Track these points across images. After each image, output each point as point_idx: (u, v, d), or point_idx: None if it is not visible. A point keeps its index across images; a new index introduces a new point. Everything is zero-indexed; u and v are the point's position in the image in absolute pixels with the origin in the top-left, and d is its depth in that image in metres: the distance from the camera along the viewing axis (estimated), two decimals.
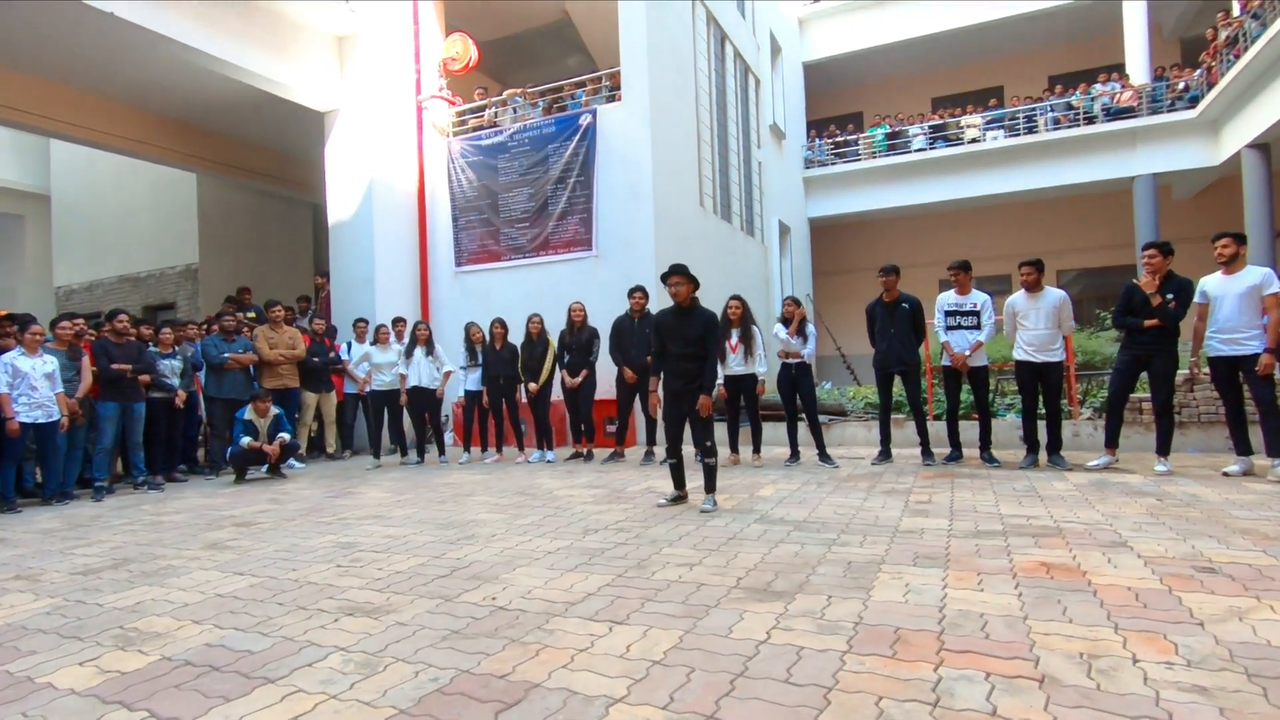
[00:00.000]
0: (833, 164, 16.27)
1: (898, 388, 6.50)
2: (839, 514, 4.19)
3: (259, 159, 11.70)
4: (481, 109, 10.15)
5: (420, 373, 7.55)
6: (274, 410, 7.06)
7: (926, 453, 6.11)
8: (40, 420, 5.78)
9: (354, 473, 7.27)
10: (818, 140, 16.79)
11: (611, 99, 9.26)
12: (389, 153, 9.83)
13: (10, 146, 13.97)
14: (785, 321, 6.48)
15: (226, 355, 7.44)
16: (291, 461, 7.85)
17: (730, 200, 11.79)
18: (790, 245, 14.99)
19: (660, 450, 6.15)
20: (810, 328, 6.45)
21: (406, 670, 2.18)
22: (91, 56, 8.83)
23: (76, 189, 13.89)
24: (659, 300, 7.61)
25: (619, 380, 6.91)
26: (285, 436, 7.01)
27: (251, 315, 8.75)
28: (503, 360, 7.52)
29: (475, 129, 10.08)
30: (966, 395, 6.29)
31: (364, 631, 2.55)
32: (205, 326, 8.26)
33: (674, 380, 4.46)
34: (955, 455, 6.08)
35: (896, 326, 6.08)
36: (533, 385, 7.35)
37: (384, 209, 9.69)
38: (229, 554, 3.88)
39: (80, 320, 6.47)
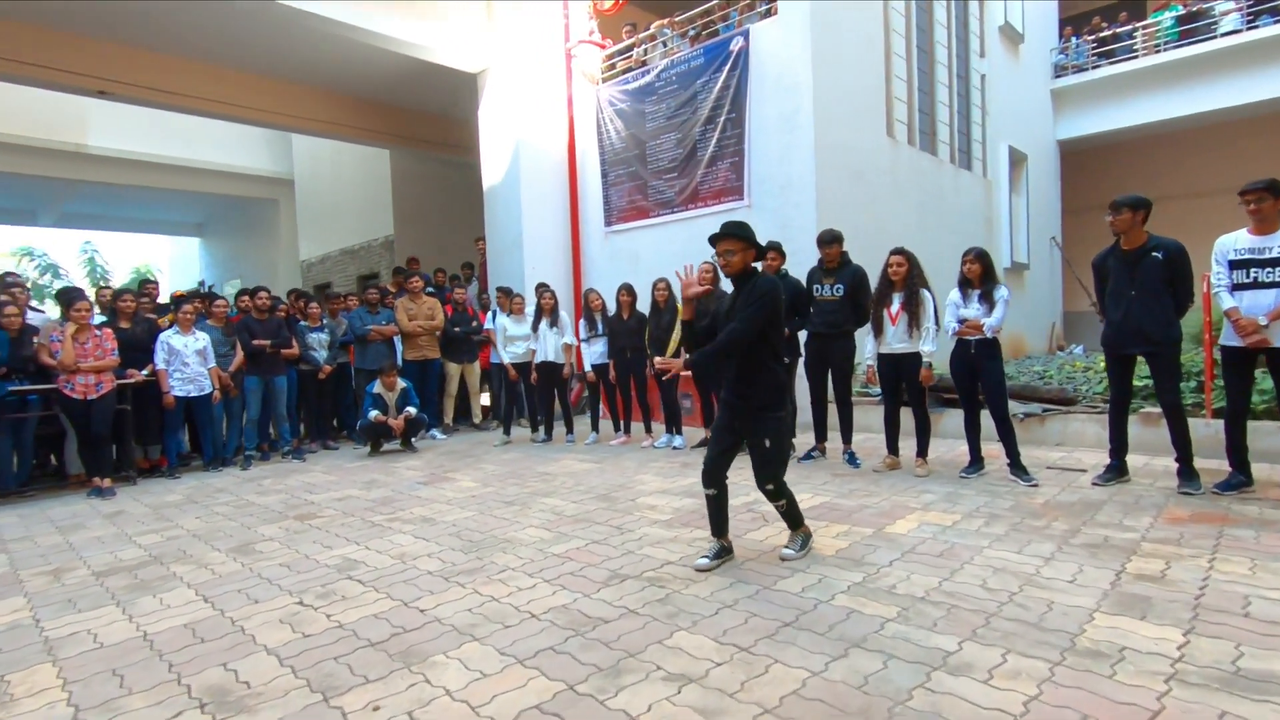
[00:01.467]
0: (1096, 67, 12.68)
1: (1142, 373, 4.49)
2: (989, 589, 2.72)
3: (432, 128, 11.97)
4: (629, 49, 9.17)
5: (547, 346, 7.00)
6: (401, 384, 6.99)
7: (1186, 474, 4.10)
8: (193, 394, 6.18)
9: (478, 450, 7.00)
10: (1075, 39, 13.19)
11: (768, 15, 7.73)
12: (538, 109, 9.32)
13: (262, 138, 16.06)
14: (966, 283, 4.75)
15: (369, 327, 7.54)
16: (434, 433, 7.85)
17: (935, 127, 9.55)
18: (1027, 177, 12.02)
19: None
20: (1002, 290, 4.63)
21: None
22: (279, 48, 9.38)
23: (311, 172, 15.63)
24: (802, 260, 6.21)
25: None
26: (411, 411, 6.90)
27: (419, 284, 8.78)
28: (629, 330, 6.68)
29: (624, 72, 9.16)
30: (1268, 388, 4.10)
31: None
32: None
33: (727, 387, 3.23)
34: (1240, 481, 3.99)
35: (1140, 286, 4.09)
36: (661, 360, 6.40)
37: (532, 168, 9.26)
38: (234, 565, 3.55)
39: (223, 300, 6.89)
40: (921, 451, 4.96)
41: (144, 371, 6.05)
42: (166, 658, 2.46)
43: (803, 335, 5.58)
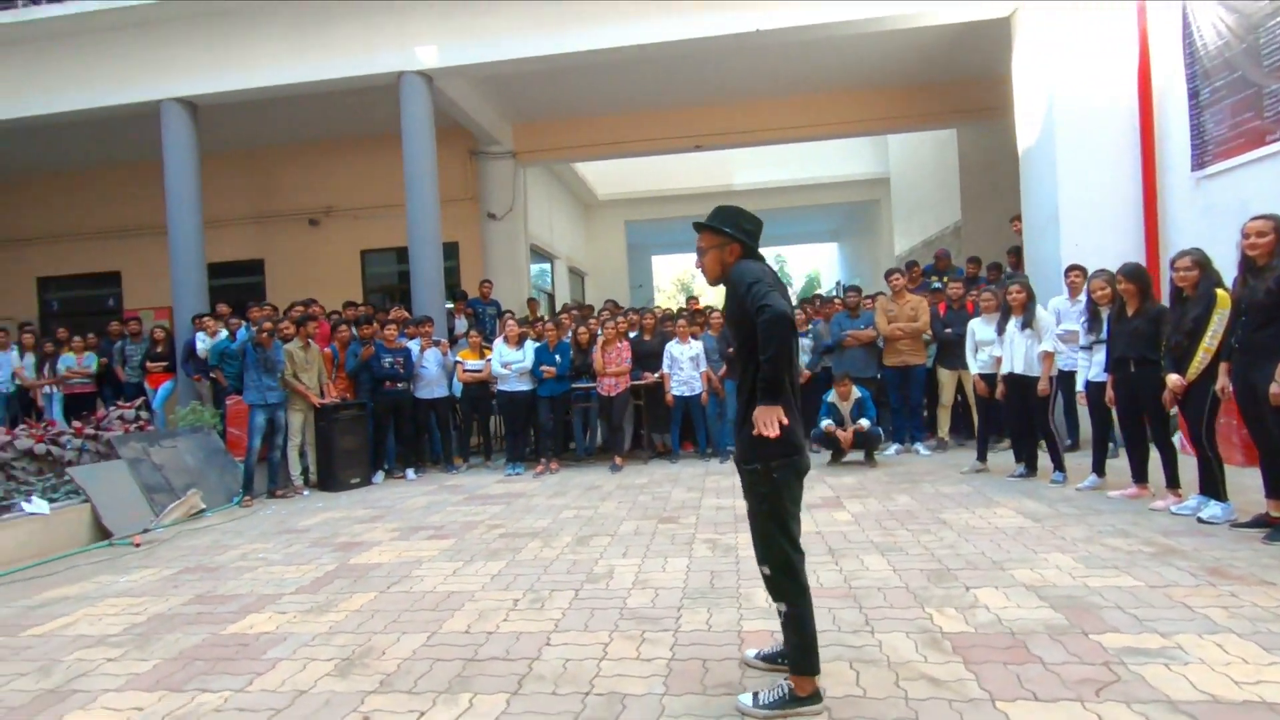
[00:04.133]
0: None
1: None
2: None
3: (974, 94, 10.30)
4: None
5: (1015, 353, 5.43)
6: (857, 393, 6.56)
7: None
8: (686, 394, 7.37)
9: (942, 470, 5.97)
10: None
11: None
12: (1083, 42, 7.08)
13: (868, 144, 16.94)
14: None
15: (846, 332, 7.33)
16: (917, 447, 7.07)
17: None
18: None
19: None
20: None
21: None
22: (822, 64, 9.85)
23: (900, 168, 15.72)
24: None
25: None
26: (865, 423, 6.41)
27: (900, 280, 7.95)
28: (1132, 332, 4.58)
29: None
30: None
31: None
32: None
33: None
34: None
35: None
36: (1177, 379, 4.17)
37: (1072, 121, 7.12)
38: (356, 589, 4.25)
39: (717, 312, 7.80)
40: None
41: (655, 375, 7.55)
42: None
43: None
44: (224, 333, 7.78)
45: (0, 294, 12.50)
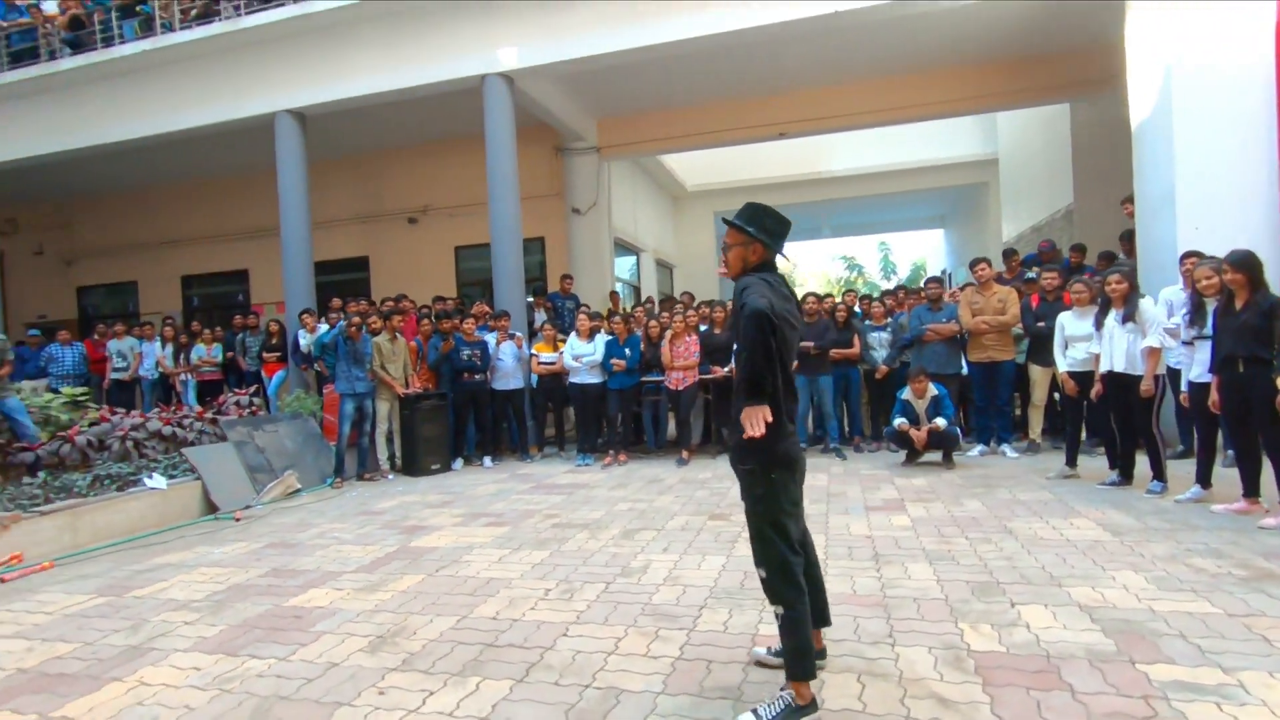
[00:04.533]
0: None
1: None
2: None
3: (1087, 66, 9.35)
4: None
5: (1114, 348, 4.97)
6: (933, 390, 6.22)
7: None
8: None
9: (1029, 476, 5.57)
10: None
11: None
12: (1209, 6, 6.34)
13: (974, 123, 15.88)
14: None
15: (925, 326, 6.95)
16: (1003, 448, 6.62)
17: None
18: None
19: None
20: None
21: None
22: (915, 41, 9.32)
23: (1009, 148, 14.62)
24: None
25: None
26: (941, 423, 6.07)
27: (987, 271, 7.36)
28: (1240, 328, 4.10)
29: None
30: None
31: None
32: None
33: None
34: None
35: None
36: None
37: (1192, 88, 6.38)
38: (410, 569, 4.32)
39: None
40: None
41: (725, 370, 7.48)
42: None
43: None
44: (324, 326, 8.41)
45: (152, 291, 14.11)
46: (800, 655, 2.20)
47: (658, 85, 10.38)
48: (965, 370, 6.89)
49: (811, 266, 42.45)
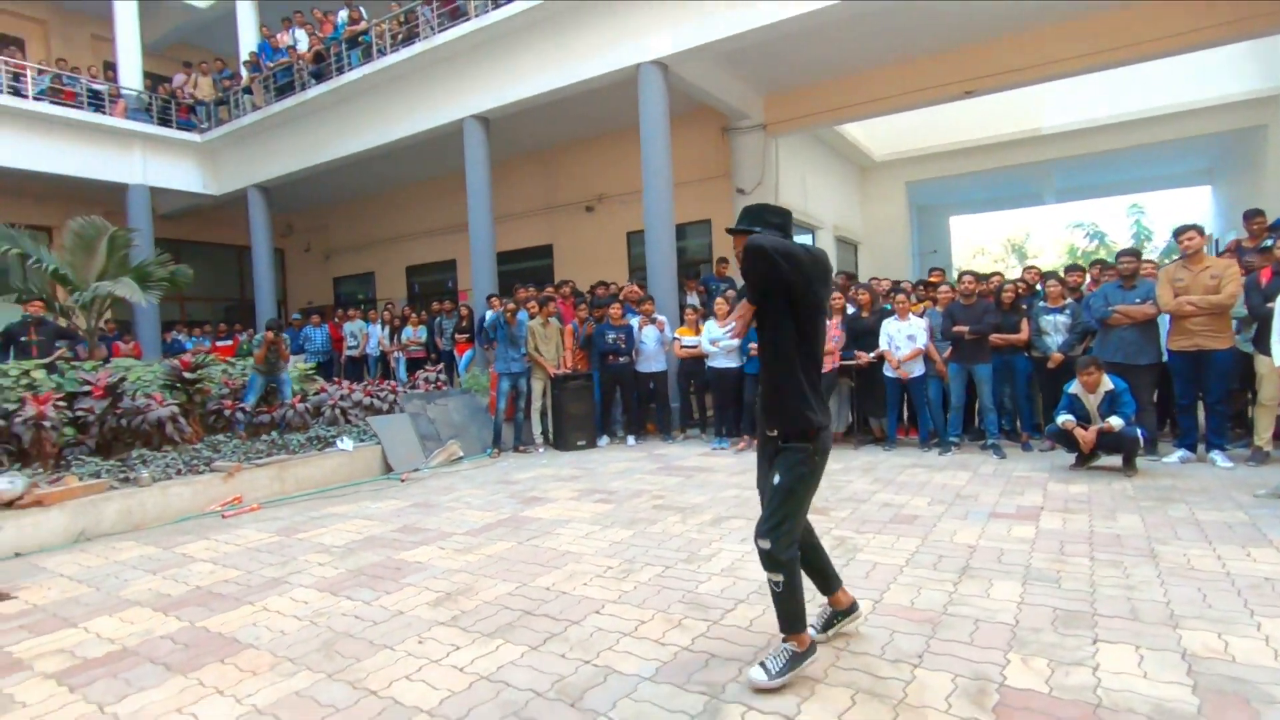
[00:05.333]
0: None
1: None
2: None
3: None
4: None
5: None
6: (1108, 384, 5.30)
7: None
8: (915, 375, 6.75)
9: (1228, 500, 4.59)
10: None
11: None
12: None
13: (1248, 52, 12.88)
14: None
15: (1110, 309, 5.92)
16: (1213, 455, 5.49)
17: None
18: None
19: None
20: None
21: None
22: None
23: None
24: None
25: None
26: (1116, 422, 5.16)
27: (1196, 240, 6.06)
28: None
29: None
30: None
31: None
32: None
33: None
34: None
35: None
36: None
37: None
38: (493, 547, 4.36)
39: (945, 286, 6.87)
40: None
41: (871, 355, 7.02)
42: None
43: None
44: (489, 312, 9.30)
45: (385, 279, 16.53)
46: (797, 614, 2.41)
47: (823, 54, 9.86)
48: (1164, 360, 5.79)
49: (1044, 237, 37.50)
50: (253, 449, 6.47)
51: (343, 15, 12.21)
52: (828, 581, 2.70)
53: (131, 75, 13.60)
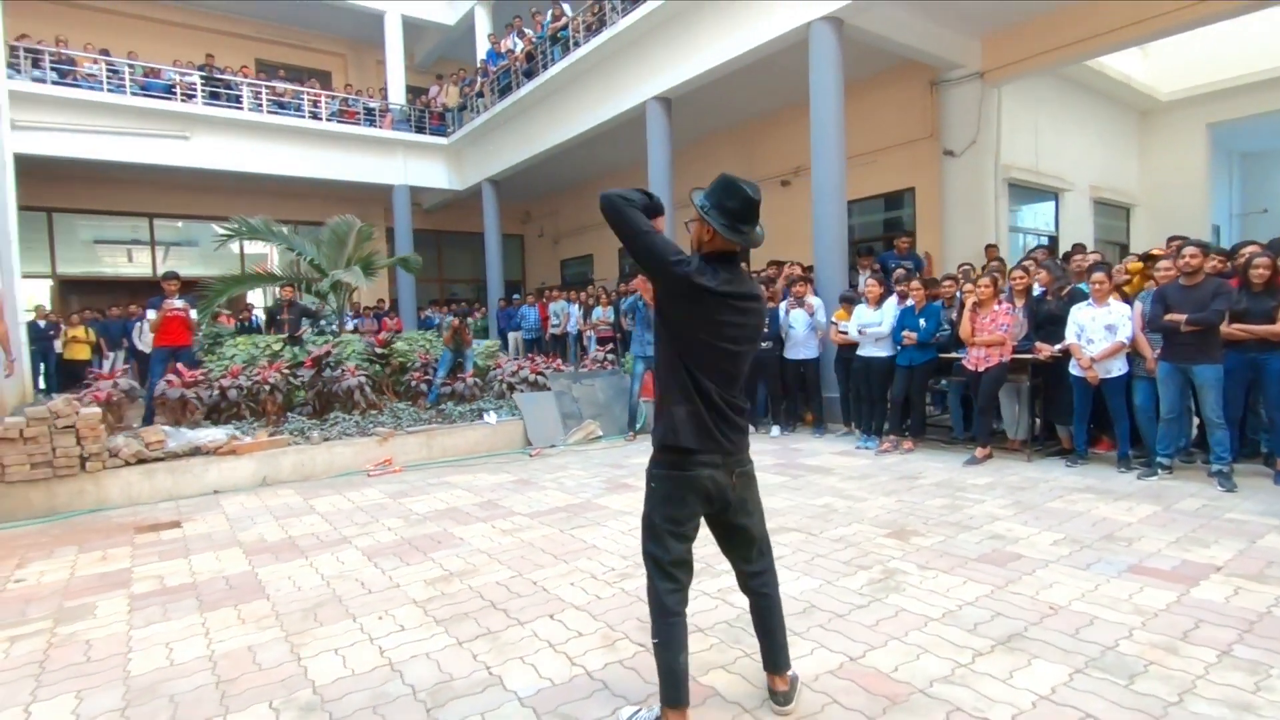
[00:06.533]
0: None
1: None
2: None
3: None
4: None
5: None
6: None
7: None
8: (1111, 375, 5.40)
9: None
10: None
11: None
12: None
13: None
14: None
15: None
16: None
17: None
18: None
19: None
20: None
21: None
22: None
23: None
24: None
25: None
26: None
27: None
28: None
29: None
30: None
31: None
32: None
33: None
34: None
35: None
36: None
37: None
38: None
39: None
40: None
41: (1056, 347, 5.70)
42: None
43: None
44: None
45: (601, 261, 17.56)
46: (671, 683, 2.01)
47: None
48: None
49: None
50: (419, 417, 7.36)
51: (555, 11, 13.04)
52: (771, 654, 2.23)
53: (397, 91, 16.07)
